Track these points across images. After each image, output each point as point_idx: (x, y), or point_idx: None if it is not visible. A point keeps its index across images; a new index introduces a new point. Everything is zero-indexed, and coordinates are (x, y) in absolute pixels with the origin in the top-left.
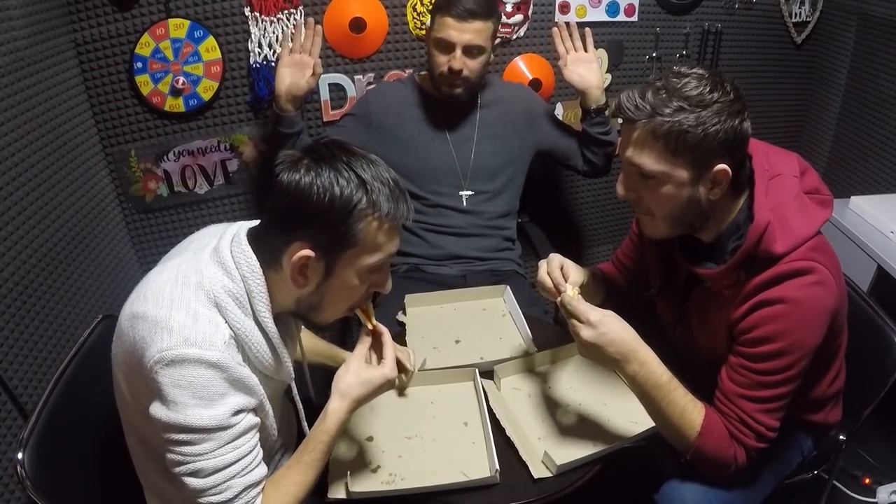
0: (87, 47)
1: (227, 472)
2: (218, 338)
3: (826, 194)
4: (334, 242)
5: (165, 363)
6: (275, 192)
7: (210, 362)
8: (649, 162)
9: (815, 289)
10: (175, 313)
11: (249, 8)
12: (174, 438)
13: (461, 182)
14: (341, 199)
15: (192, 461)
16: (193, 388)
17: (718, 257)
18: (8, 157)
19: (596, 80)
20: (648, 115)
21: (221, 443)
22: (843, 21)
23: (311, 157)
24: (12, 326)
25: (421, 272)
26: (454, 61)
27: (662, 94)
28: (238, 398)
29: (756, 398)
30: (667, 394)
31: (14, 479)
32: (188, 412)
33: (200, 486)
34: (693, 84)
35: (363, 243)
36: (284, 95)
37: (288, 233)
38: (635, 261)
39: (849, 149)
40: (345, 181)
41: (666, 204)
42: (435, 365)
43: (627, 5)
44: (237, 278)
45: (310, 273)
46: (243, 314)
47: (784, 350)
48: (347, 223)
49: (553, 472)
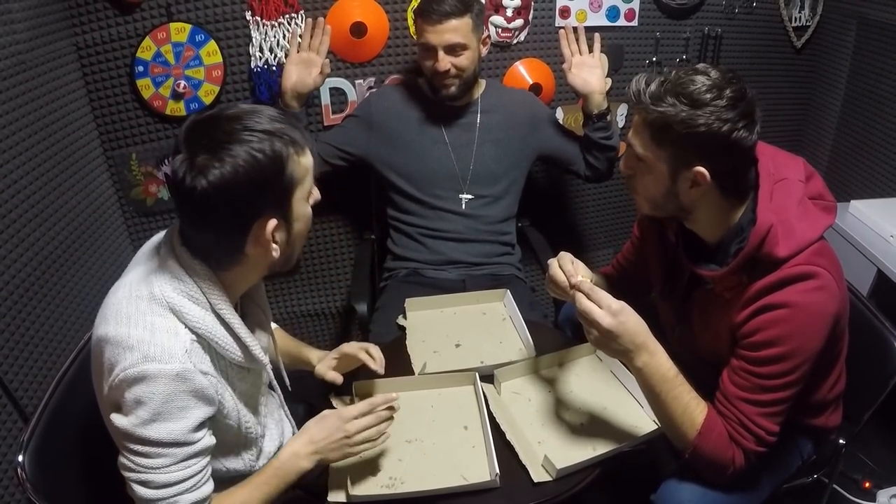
0: (88, 51)
1: (175, 489)
2: (177, 347)
3: (830, 200)
4: (281, 197)
5: (128, 382)
6: (197, 200)
7: (171, 375)
8: (639, 146)
9: (818, 294)
10: (133, 330)
11: (251, 12)
12: (130, 447)
13: (461, 186)
14: (266, 158)
15: (143, 472)
16: (155, 403)
17: (721, 259)
18: (9, 161)
19: (599, 86)
20: (645, 102)
21: (175, 460)
22: (843, 25)
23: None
24: (13, 329)
25: (420, 276)
26: (439, 63)
27: (663, 87)
28: (201, 410)
29: (757, 401)
30: (672, 388)
31: (14, 482)
32: (149, 426)
33: (148, 497)
34: (698, 84)
35: (299, 178)
36: (290, 92)
37: (240, 227)
38: (636, 264)
39: (849, 153)
40: (258, 142)
41: (648, 188)
42: (435, 369)
43: (628, 10)
44: (186, 278)
45: (277, 235)
46: (202, 310)
47: (786, 355)
48: (284, 174)
49: (553, 475)
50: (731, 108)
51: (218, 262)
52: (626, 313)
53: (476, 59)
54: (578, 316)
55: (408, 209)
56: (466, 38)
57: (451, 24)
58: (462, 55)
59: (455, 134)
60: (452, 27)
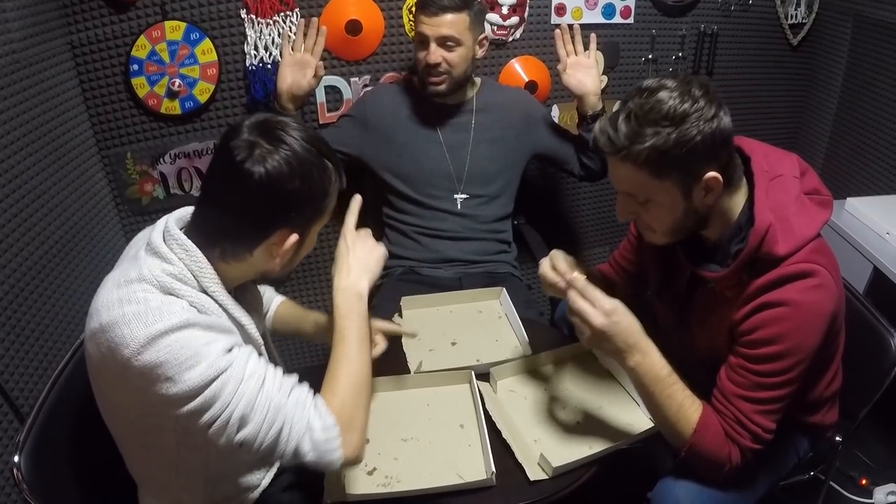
0: (83, 49)
1: (263, 397)
2: (176, 306)
3: (826, 195)
4: (311, 217)
5: (138, 353)
6: (240, 183)
7: (176, 326)
8: (638, 189)
9: (817, 292)
10: (126, 308)
11: (245, 10)
12: (194, 409)
13: (456, 186)
14: (321, 181)
15: (227, 415)
16: (174, 355)
17: (721, 259)
18: (3, 160)
19: (593, 87)
20: (625, 146)
21: (237, 383)
22: (839, 23)
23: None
24: (8, 329)
25: (416, 275)
26: (430, 55)
27: (634, 124)
28: (223, 340)
29: (754, 399)
30: (665, 388)
31: (10, 483)
32: (185, 377)
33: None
34: (664, 100)
35: (328, 209)
36: (285, 94)
37: (265, 226)
38: (633, 262)
39: (845, 150)
40: (315, 160)
41: (665, 220)
42: (431, 367)
43: (623, 7)
44: (176, 261)
45: (289, 250)
46: (194, 290)
47: (784, 353)
48: (325, 199)
49: (549, 474)
50: (707, 104)
51: (223, 252)
52: (619, 313)
53: (470, 58)
54: (569, 314)
55: (403, 208)
56: (461, 34)
57: (447, 17)
58: (455, 51)
59: (449, 134)
60: (448, 21)
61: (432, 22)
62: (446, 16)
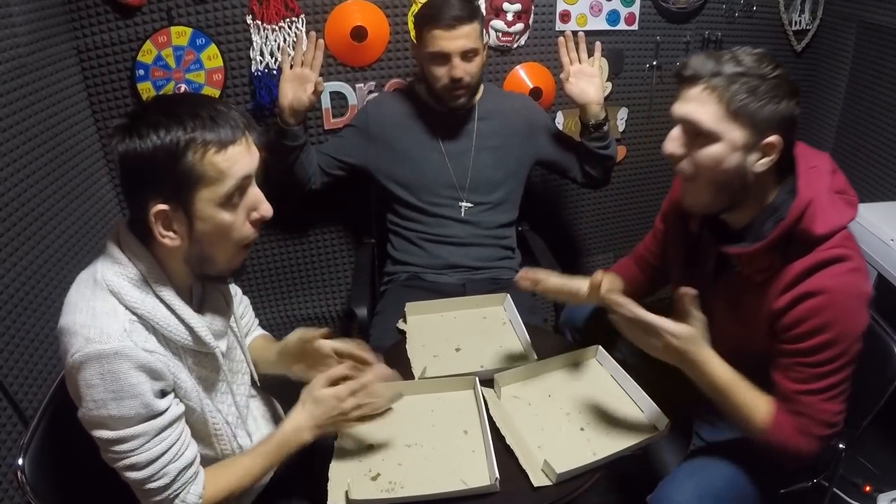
0: (89, 54)
1: (160, 462)
2: (115, 328)
3: (853, 195)
4: (178, 187)
5: (76, 368)
6: (117, 163)
7: (110, 354)
8: (707, 119)
9: (853, 275)
10: (77, 317)
11: (251, 16)
12: (104, 437)
13: (459, 194)
14: (162, 144)
15: (125, 457)
16: (104, 383)
17: (752, 240)
18: (10, 164)
19: (596, 96)
20: (711, 73)
21: (149, 436)
22: (843, 29)
23: (132, 120)
24: (13, 332)
25: (420, 280)
26: (455, 70)
27: (726, 57)
28: (152, 383)
29: (816, 390)
30: (730, 394)
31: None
32: (107, 408)
33: (139, 477)
34: (756, 59)
35: (205, 176)
36: (287, 110)
37: (140, 198)
38: (657, 255)
39: (849, 156)
40: (163, 127)
41: (713, 166)
42: (435, 373)
43: (628, 14)
44: (125, 261)
45: (175, 226)
46: (141, 293)
47: (834, 340)
48: (179, 164)
49: (553, 480)
50: (790, 81)
51: (143, 238)
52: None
53: (482, 66)
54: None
55: (407, 216)
56: (477, 44)
57: (464, 29)
58: (474, 62)
59: (452, 142)
60: (465, 33)
61: (451, 36)
62: (463, 27)
